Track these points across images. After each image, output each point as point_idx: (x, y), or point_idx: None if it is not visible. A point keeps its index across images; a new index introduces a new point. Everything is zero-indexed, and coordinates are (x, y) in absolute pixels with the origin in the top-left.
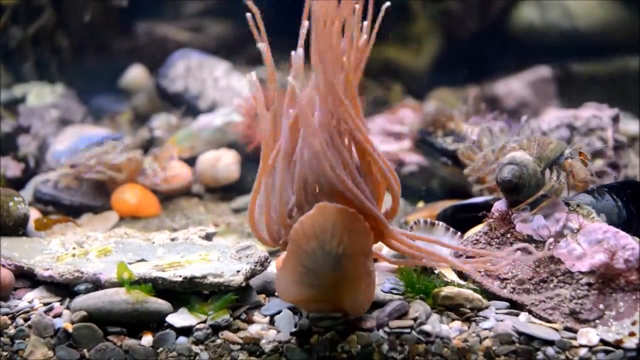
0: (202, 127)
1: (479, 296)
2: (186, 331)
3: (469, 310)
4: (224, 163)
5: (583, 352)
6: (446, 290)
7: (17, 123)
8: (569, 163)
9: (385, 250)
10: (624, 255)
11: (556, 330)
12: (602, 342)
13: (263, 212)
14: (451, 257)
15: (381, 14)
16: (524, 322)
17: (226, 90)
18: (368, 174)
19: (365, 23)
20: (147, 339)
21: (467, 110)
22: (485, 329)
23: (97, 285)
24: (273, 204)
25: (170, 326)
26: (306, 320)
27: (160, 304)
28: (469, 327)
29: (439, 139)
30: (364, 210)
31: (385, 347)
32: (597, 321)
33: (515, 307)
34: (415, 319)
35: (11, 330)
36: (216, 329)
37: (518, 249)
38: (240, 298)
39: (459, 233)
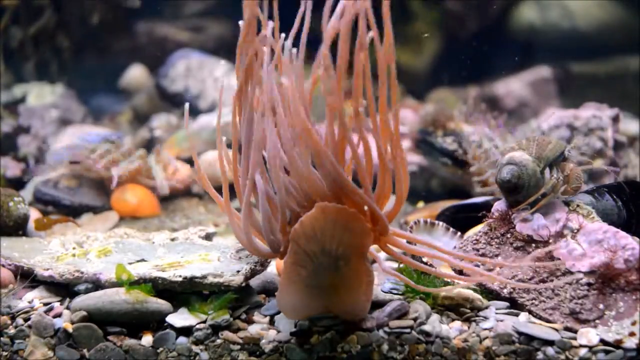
0: (202, 127)
1: (479, 296)
2: (186, 331)
3: (469, 310)
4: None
5: (583, 352)
6: (446, 290)
7: (17, 123)
8: (569, 167)
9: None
10: (624, 255)
11: (556, 330)
12: (602, 342)
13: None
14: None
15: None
16: (524, 322)
17: (226, 90)
18: (381, 172)
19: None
20: (147, 339)
21: (467, 110)
22: (485, 329)
23: (97, 285)
24: (267, 212)
25: (170, 326)
26: (306, 320)
27: (160, 304)
28: (469, 327)
29: (439, 139)
30: (371, 211)
31: (385, 347)
32: (597, 321)
33: (516, 307)
34: (415, 319)
35: (11, 330)
36: (216, 329)
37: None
38: (240, 298)
39: (459, 233)
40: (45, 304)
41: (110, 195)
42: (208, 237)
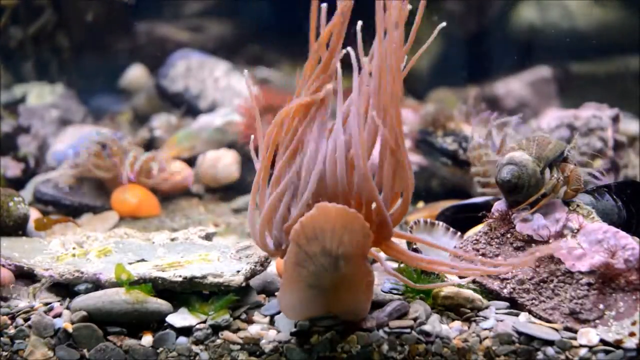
0: (202, 127)
1: (479, 296)
2: (186, 331)
3: (469, 310)
4: (224, 163)
5: (583, 352)
6: (446, 290)
7: (17, 123)
8: (569, 169)
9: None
10: (624, 255)
11: (556, 330)
12: (602, 342)
13: (261, 219)
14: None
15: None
16: (524, 322)
17: (226, 90)
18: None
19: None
20: (147, 339)
21: (467, 110)
22: (485, 329)
23: (97, 285)
24: (277, 209)
25: (170, 326)
26: (306, 321)
27: (160, 304)
28: (469, 327)
29: (439, 139)
30: (380, 214)
31: (385, 347)
32: (597, 321)
33: (516, 307)
34: (415, 319)
35: (11, 330)
36: (216, 329)
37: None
38: (240, 298)
39: (459, 233)
40: (45, 304)
41: (110, 195)
42: (208, 237)
